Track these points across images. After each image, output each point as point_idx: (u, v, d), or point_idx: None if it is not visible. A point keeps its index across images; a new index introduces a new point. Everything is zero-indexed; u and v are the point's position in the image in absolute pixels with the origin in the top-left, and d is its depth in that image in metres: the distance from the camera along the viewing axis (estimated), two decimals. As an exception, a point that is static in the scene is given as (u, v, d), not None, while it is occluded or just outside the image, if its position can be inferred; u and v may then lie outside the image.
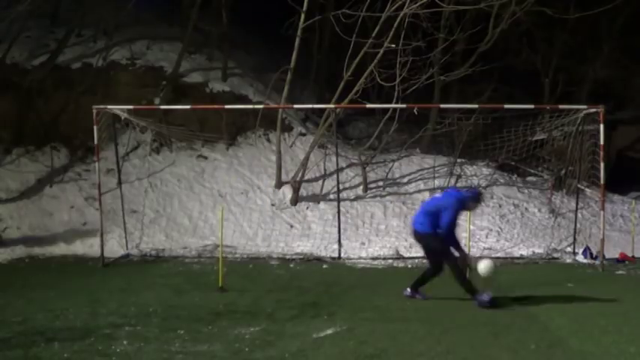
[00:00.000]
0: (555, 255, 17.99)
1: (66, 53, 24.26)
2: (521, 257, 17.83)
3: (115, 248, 18.11)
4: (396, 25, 19.23)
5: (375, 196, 21.58)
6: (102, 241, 17.04)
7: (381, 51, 19.36)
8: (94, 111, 16.99)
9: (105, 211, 18.00)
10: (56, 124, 22.83)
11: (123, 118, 18.76)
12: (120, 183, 18.87)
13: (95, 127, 17.02)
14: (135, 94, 22.99)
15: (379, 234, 19.66)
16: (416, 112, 18.46)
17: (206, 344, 9.57)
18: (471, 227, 16.46)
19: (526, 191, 22.37)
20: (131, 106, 18.66)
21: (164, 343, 9.63)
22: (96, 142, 17.20)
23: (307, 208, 20.93)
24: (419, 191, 21.85)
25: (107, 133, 18.31)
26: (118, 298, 12.70)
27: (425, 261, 16.97)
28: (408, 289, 12.77)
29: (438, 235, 12.03)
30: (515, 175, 23.53)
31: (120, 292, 13.26)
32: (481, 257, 12.34)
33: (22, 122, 22.54)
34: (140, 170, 21.87)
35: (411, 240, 18.78)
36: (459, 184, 21.87)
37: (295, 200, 21.06)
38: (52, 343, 9.52)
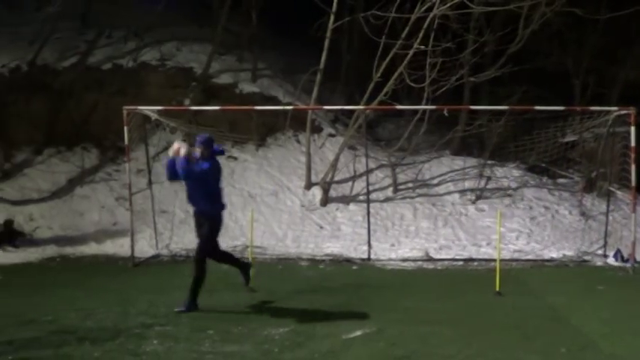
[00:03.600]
0: (586, 258, 17.86)
1: (96, 54, 24.44)
2: (552, 260, 17.71)
3: (145, 248, 18.20)
4: (425, 26, 19.20)
5: (404, 198, 21.53)
6: (132, 241, 17.10)
7: (411, 52, 19.32)
8: (125, 112, 17.06)
9: (135, 211, 18.05)
10: (87, 125, 23.00)
11: (153, 118, 18.86)
12: (150, 183, 18.95)
13: (125, 128, 17.09)
14: (165, 95, 23.12)
15: (409, 235, 19.61)
16: (446, 114, 18.38)
17: (236, 345, 9.61)
18: (501, 229, 16.39)
19: (556, 193, 22.23)
20: (161, 107, 18.78)
21: (194, 343, 9.68)
22: (126, 142, 17.29)
23: (337, 209, 20.92)
24: (449, 193, 21.78)
25: (137, 133, 18.37)
26: (148, 297, 12.77)
27: (455, 263, 17.04)
28: None
29: None
30: (546, 177, 23.35)
31: (150, 292, 13.34)
32: None
33: (53, 123, 22.71)
34: (170, 170, 21.95)
35: (441, 242, 18.87)
36: (489, 186, 21.81)
37: (325, 201, 21.06)
38: (83, 343, 9.60)
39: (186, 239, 18.89)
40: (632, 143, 16.44)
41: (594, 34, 25.45)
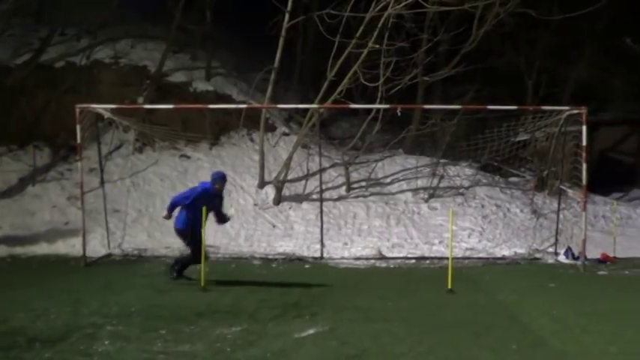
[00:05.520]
0: (537, 255, 18.07)
1: (49, 52, 24.21)
2: (503, 258, 17.89)
3: (97, 248, 18.02)
4: (380, 25, 19.26)
5: (357, 197, 21.58)
6: (84, 240, 16.94)
7: (365, 51, 19.38)
8: (77, 110, 16.89)
9: (87, 210, 17.88)
10: (39, 123, 22.79)
11: (106, 117, 18.64)
12: (102, 182, 18.80)
13: (78, 126, 16.91)
14: (118, 93, 22.92)
15: (362, 234, 19.66)
16: (399, 113, 18.43)
17: (188, 344, 9.57)
18: (453, 228, 16.51)
19: (508, 192, 22.43)
20: (114, 106, 18.58)
21: (146, 342, 9.62)
22: (79, 141, 17.10)
23: (290, 208, 20.92)
24: (402, 191, 21.88)
25: (90, 132, 18.23)
26: (100, 297, 12.66)
27: (407, 261, 17.09)
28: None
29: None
30: (498, 176, 23.57)
31: (102, 292, 13.22)
32: None
33: (5, 121, 22.47)
34: (123, 169, 21.80)
35: (394, 240, 18.94)
36: (441, 185, 21.92)
37: (278, 200, 21.05)
38: (34, 343, 9.50)
39: (138, 239, 18.84)
40: (584, 142, 16.64)
41: (546, 35, 25.75)
